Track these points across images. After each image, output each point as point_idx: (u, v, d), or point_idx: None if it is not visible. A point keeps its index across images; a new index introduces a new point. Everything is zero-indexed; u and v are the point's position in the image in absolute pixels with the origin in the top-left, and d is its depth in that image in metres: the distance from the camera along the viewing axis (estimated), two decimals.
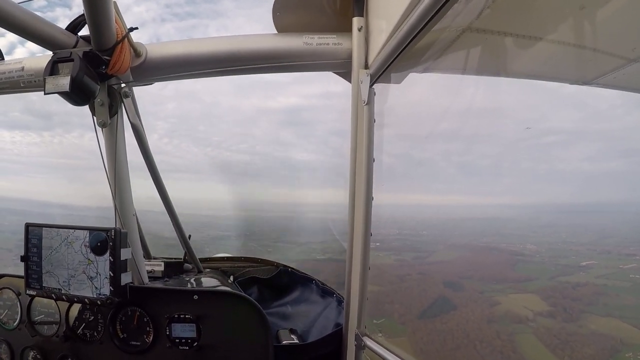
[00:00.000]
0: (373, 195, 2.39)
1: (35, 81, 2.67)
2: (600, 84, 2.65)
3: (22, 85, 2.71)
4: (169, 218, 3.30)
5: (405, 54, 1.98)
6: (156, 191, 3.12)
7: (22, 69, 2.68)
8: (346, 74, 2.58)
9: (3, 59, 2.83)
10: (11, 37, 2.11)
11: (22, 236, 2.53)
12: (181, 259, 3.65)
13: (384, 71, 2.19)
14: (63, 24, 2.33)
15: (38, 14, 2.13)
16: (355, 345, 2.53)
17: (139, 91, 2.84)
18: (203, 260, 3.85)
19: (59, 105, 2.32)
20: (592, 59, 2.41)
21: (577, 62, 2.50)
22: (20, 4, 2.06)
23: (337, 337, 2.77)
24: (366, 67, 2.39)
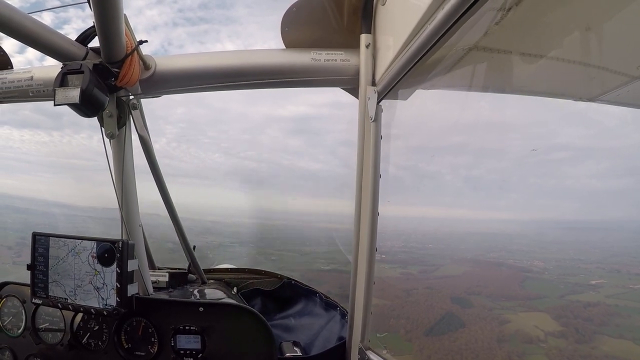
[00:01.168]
0: (379, 211, 2.40)
1: (44, 91, 2.69)
2: (604, 100, 2.66)
3: (30, 94, 2.73)
4: (175, 229, 3.32)
5: (413, 71, 1.99)
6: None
7: (31, 78, 2.71)
8: (353, 90, 2.59)
9: (12, 67, 2.85)
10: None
11: (24, 234, 2.54)
12: (185, 269, 3.66)
13: (391, 88, 2.21)
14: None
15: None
16: (358, 358, 2.53)
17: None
18: (207, 271, 3.86)
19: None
20: (597, 77, 2.43)
21: (581, 79, 2.52)
22: (30, 15, 2.08)
23: (340, 351, 2.78)
24: (373, 83, 2.41)
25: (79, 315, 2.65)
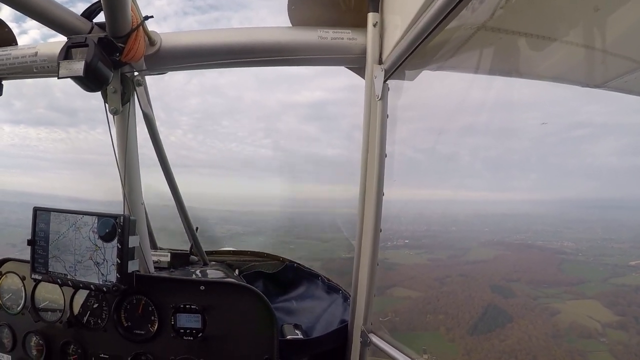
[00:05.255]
0: (384, 191, 2.38)
1: (48, 67, 2.67)
2: (611, 87, 2.63)
3: (35, 70, 2.70)
4: (177, 209, 3.31)
5: (420, 51, 1.98)
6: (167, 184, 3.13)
7: (36, 54, 2.68)
8: (359, 70, 2.57)
9: (17, 44, 2.83)
10: (34, 34, 2.11)
11: None
12: (187, 250, 3.65)
13: (397, 67, 2.19)
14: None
15: None
16: (360, 341, 2.52)
17: (163, 86, 2.83)
18: (209, 253, 3.85)
19: (83, 101, 2.30)
20: (604, 62, 2.40)
21: (588, 64, 2.49)
22: None
23: (342, 333, 2.76)
24: (380, 62, 2.39)
25: (79, 294, 2.63)
